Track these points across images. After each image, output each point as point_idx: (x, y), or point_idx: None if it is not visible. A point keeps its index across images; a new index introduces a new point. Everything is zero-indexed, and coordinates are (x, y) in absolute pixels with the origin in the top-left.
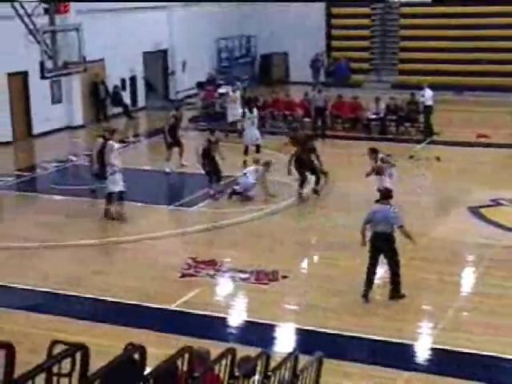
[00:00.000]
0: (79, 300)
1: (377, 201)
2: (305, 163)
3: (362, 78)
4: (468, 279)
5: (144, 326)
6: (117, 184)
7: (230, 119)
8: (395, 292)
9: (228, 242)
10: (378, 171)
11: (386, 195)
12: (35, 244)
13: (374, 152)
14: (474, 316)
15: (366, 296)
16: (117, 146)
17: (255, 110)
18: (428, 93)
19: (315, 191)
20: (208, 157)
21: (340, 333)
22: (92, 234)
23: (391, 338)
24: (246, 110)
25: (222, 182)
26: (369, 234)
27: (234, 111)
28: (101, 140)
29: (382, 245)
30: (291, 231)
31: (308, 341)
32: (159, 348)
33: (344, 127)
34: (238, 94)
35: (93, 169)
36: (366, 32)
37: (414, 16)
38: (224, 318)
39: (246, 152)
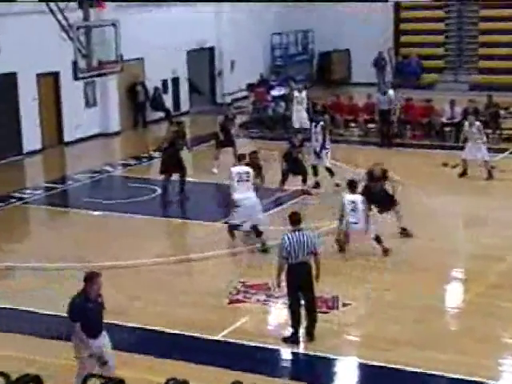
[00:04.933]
0: (116, 329)
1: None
2: None
3: (435, 77)
4: None
5: (187, 358)
6: None
7: (297, 125)
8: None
9: None
10: None
11: (298, 219)
12: (66, 265)
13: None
14: None
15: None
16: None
17: None
18: (389, 94)
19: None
20: (290, 160)
21: (407, 368)
22: (130, 254)
23: (467, 375)
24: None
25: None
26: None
27: (300, 114)
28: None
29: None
30: (352, 252)
31: (370, 376)
32: (204, 383)
33: (414, 134)
34: (304, 94)
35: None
36: (440, 25)
37: (495, 7)
38: (276, 350)
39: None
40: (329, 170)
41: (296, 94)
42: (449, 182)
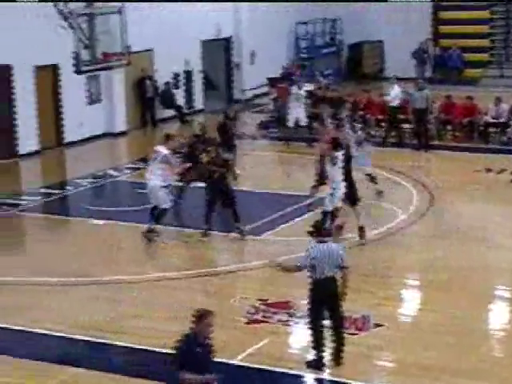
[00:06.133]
0: (115, 350)
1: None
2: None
3: (479, 72)
4: None
5: None
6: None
7: (291, 124)
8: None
9: (305, 279)
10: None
11: (321, 229)
12: (62, 279)
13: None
14: None
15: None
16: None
17: None
18: (395, 90)
19: (240, 231)
20: None
21: None
22: (135, 268)
23: None
24: None
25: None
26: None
27: (297, 112)
28: None
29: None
30: (386, 266)
31: None
32: None
33: (454, 135)
34: (303, 91)
35: None
36: (484, 13)
37: None
38: (299, 376)
39: None
40: (370, 175)
41: (295, 90)
42: (493, 190)
